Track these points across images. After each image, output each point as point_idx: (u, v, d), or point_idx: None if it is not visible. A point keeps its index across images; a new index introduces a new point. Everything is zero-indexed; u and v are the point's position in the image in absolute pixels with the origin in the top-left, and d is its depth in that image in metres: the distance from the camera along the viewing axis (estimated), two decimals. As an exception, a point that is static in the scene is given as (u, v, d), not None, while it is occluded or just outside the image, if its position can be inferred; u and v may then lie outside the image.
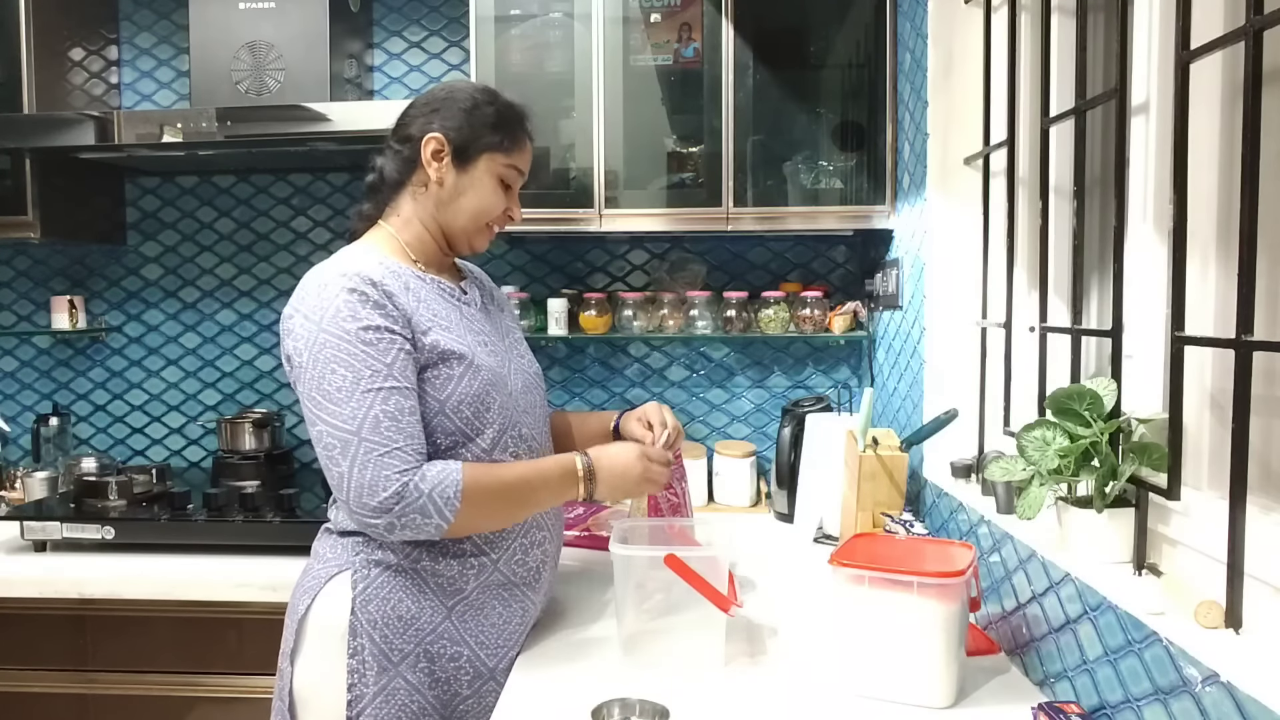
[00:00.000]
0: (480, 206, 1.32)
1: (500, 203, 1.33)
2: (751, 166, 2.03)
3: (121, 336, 2.49)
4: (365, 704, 1.20)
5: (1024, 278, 1.53)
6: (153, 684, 1.83)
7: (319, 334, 1.16)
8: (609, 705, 1.10)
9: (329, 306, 1.17)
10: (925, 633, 1.10)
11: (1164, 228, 1.11)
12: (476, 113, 1.29)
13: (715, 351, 2.42)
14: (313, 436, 1.17)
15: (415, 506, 1.13)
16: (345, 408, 1.13)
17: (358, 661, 1.21)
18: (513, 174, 1.33)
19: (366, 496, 1.12)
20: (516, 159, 1.33)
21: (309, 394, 1.16)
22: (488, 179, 1.31)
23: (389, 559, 1.24)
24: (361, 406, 1.13)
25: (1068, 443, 1.11)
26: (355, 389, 1.14)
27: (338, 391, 1.14)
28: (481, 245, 1.37)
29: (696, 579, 1.20)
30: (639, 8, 2.04)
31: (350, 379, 1.14)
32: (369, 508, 1.12)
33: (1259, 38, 0.87)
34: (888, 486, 1.68)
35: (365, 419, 1.13)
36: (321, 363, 1.15)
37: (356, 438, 1.13)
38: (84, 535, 1.91)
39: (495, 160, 1.31)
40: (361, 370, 1.15)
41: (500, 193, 1.33)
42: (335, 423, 1.14)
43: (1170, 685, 0.88)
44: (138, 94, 2.45)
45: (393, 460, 1.13)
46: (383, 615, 1.22)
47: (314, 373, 1.16)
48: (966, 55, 1.68)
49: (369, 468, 1.12)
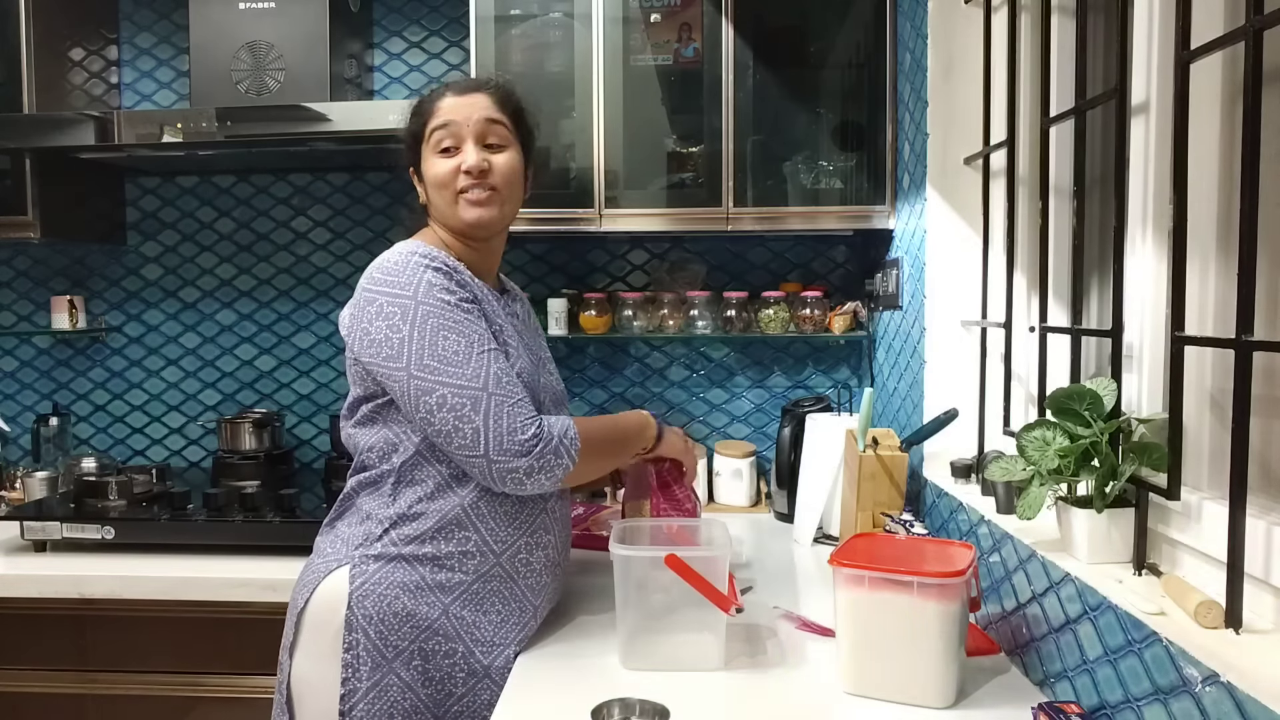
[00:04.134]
0: (436, 185, 1.32)
1: (445, 167, 1.31)
2: (751, 166, 2.03)
3: (121, 336, 2.49)
4: (358, 699, 1.21)
5: (1024, 278, 1.53)
6: (153, 684, 1.83)
7: (416, 306, 1.21)
8: (609, 705, 1.10)
9: (417, 281, 1.22)
10: (925, 633, 1.10)
11: (1164, 228, 1.11)
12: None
13: (715, 351, 2.42)
14: (427, 407, 1.19)
15: (551, 448, 1.21)
16: (467, 368, 1.19)
17: (352, 656, 1.22)
18: (440, 136, 1.30)
19: (508, 441, 1.18)
20: (432, 123, 1.31)
21: (420, 362, 1.19)
22: (428, 162, 1.32)
23: (389, 552, 1.25)
24: (482, 365, 1.20)
25: (1068, 443, 1.11)
26: (471, 351, 1.20)
27: (455, 355, 1.20)
28: (467, 214, 1.30)
29: (696, 579, 1.20)
30: (639, 8, 2.04)
31: (465, 343, 1.21)
32: (513, 451, 1.18)
33: (1259, 38, 0.86)
34: (888, 486, 1.68)
35: (489, 376, 1.20)
36: (430, 331, 1.20)
37: (485, 393, 1.19)
38: (84, 535, 1.91)
39: (426, 146, 1.32)
40: (472, 334, 1.22)
41: (441, 161, 1.31)
42: (460, 383, 1.19)
43: (1170, 685, 0.88)
44: (138, 94, 2.45)
45: (523, 408, 1.21)
46: (379, 611, 1.22)
47: (421, 342, 1.20)
48: (966, 55, 1.68)
49: (504, 416, 1.19)
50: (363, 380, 1.28)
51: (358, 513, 1.30)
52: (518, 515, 1.30)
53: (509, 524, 1.29)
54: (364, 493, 1.30)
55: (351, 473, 1.33)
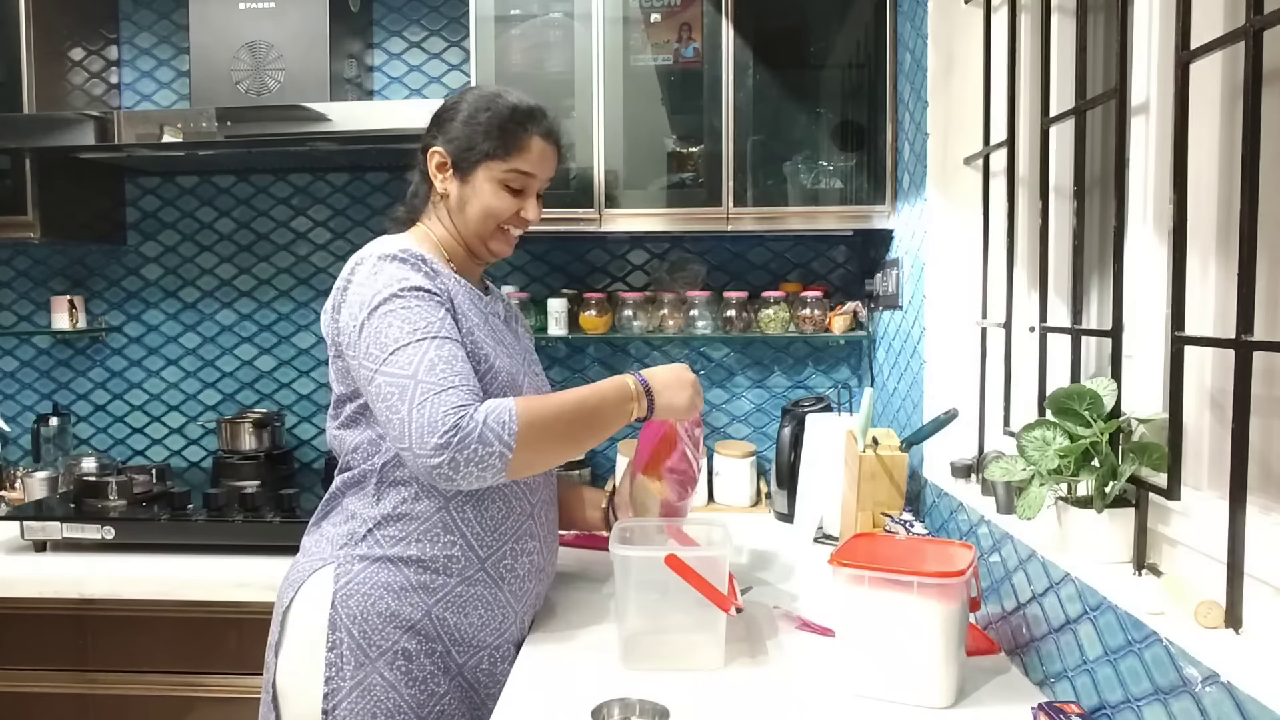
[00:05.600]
0: (484, 213, 1.33)
1: (507, 206, 1.33)
2: (751, 166, 2.03)
3: (121, 336, 2.49)
4: (341, 697, 1.21)
5: (1024, 278, 1.53)
6: (153, 684, 1.83)
7: (373, 297, 1.20)
8: (609, 705, 1.10)
9: (381, 274, 1.21)
10: (925, 633, 1.10)
11: (1164, 228, 1.11)
12: (473, 122, 1.31)
13: (715, 351, 2.42)
14: (370, 397, 1.18)
15: (474, 436, 1.10)
16: (402, 355, 1.15)
17: (335, 655, 1.22)
18: (515, 177, 1.32)
19: (426, 435, 1.09)
20: (517, 162, 1.32)
21: (367, 352, 1.18)
22: (488, 186, 1.32)
23: (373, 552, 1.25)
24: (418, 353, 1.15)
25: (1068, 443, 1.11)
26: (411, 338, 1.16)
27: (393, 343, 1.16)
28: (500, 249, 1.38)
29: (696, 579, 1.20)
30: (639, 8, 2.04)
31: (406, 330, 1.17)
32: (429, 447, 1.09)
33: (1259, 38, 0.86)
34: (888, 486, 1.68)
35: (421, 362, 1.14)
36: (377, 319, 1.18)
37: (414, 380, 1.13)
38: (84, 535, 1.91)
39: (493, 168, 1.31)
40: (416, 321, 1.17)
41: (505, 196, 1.33)
42: (392, 371, 1.14)
43: (1170, 685, 0.88)
44: (138, 94, 2.45)
45: (449, 397, 1.12)
46: (362, 610, 1.23)
47: (369, 332, 1.18)
48: (966, 55, 1.68)
49: (425, 406, 1.11)
50: (344, 378, 1.29)
51: (343, 512, 1.31)
52: (503, 521, 1.29)
53: (493, 530, 1.29)
54: (349, 493, 1.31)
55: (338, 472, 1.34)
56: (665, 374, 1.34)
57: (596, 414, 1.25)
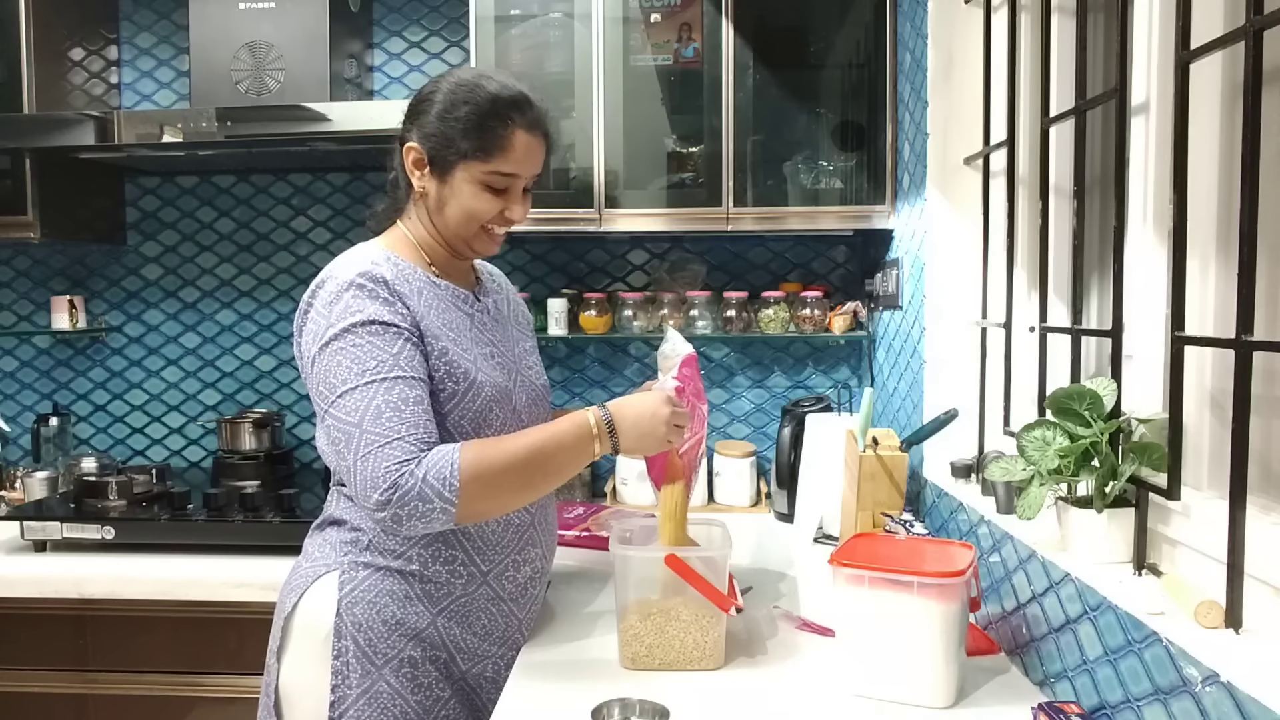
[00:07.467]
0: (465, 216, 1.24)
1: (489, 207, 1.24)
2: (751, 166, 2.03)
3: (121, 336, 2.49)
4: (348, 705, 1.20)
5: (1024, 278, 1.53)
6: (153, 684, 1.83)
7: (327, 329, 1.15)
8: (609, 705, 1.10)
9: (338, 304, 1.16)
10: (925, 633, 1.10)
11: (1164, 228, 1.11)
12: (449, 116, 1.20)
13: (715, 351, 2.42)
14: (319, 434, 1.16)
15: (414, 494, 1.07)
16: (349, 400, 1.11)
17: (341, 663, 1.21)
18: (497, 179, 1.23)
19: (369, 490, 1.08)
20: (498, 164, 1.21)
21: (318, 390, 1.16)
22: (468, 188, 1.23)
23: (377, 561, 1.23)
24: (364, 397, 1.10)
25: (1068, 443, 1.11)
26: (358, 380, 1.11)
27: (341, 384, 1.12)
28: (484, 249, 1.30)
29: (696, 579, 1.20)
30: (639, 8, 2.04)
31: (355, 370, 1.12)
32: (372, 502, 1.08)
33: (1259, 38, 0.86)
34: (888, 486, 1.68)
35: (367, 410, 1.10)
36: (327, 356, 1.14)
37: (358, 429, 1.09)
38: (84, 535, 1.91)
39: (472, 169, 1.22)
40: (366, 361, 1.12)
41: (486, 198, 1.23)
42: (339, 415, 1.11)
43: (1170, 685, 0.88)
44: (138, 94, 2.45)
45: (393, 450, 1.08)
46: (368, 618, 1.21)
47: (320, 369, 1.15)
48: (966, 55, 1.68)
49: (369, 460, 1.08)
50: None
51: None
52: (504, 533, 1.28)
53: (495, 544, 1.28)
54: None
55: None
56: (636, 406, 1.23)
57: (552, 460, 1.17)
